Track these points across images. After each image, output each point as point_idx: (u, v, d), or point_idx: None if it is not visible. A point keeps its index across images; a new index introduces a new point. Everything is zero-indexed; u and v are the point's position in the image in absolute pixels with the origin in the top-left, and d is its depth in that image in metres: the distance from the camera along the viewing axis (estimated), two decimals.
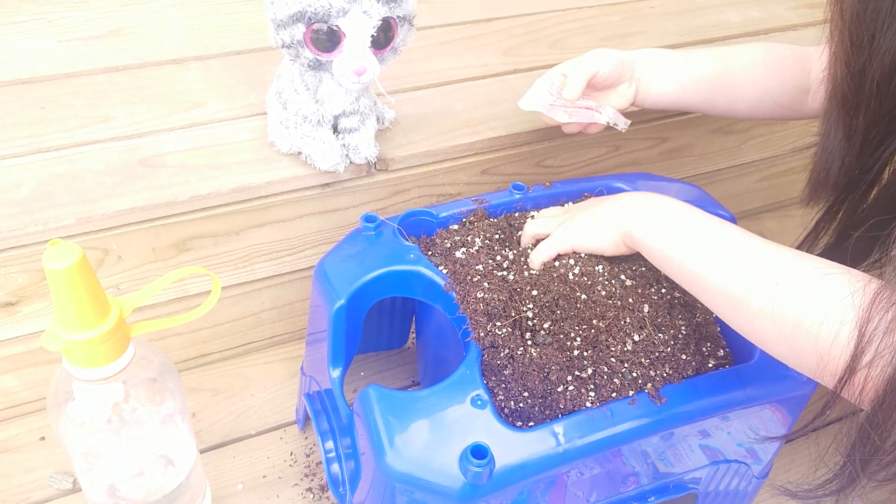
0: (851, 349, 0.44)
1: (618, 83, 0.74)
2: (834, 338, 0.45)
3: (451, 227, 0.70)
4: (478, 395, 0.55)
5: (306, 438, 0.77)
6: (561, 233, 0.64)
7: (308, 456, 0.76)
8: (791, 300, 0.48)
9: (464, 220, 0.70)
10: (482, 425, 0.53)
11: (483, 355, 0.58)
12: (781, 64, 0.75)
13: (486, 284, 0.61)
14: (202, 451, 0.76)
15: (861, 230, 0.63)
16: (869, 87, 0.56)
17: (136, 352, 0.53)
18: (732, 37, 1.04)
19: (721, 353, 0.62)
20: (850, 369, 0.45)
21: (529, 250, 0.66)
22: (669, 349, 0.59)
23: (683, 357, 0.59)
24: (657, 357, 0.58)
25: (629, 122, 0.75)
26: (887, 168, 0.61)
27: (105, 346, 0.50)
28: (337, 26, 0.62)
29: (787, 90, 0.75)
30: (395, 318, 0.83)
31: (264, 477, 0.74)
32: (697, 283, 0.55)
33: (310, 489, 0.73)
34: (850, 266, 0.49)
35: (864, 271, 0.65)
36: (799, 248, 0.69)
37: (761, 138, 1.02)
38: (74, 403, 0.54)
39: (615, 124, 0.74)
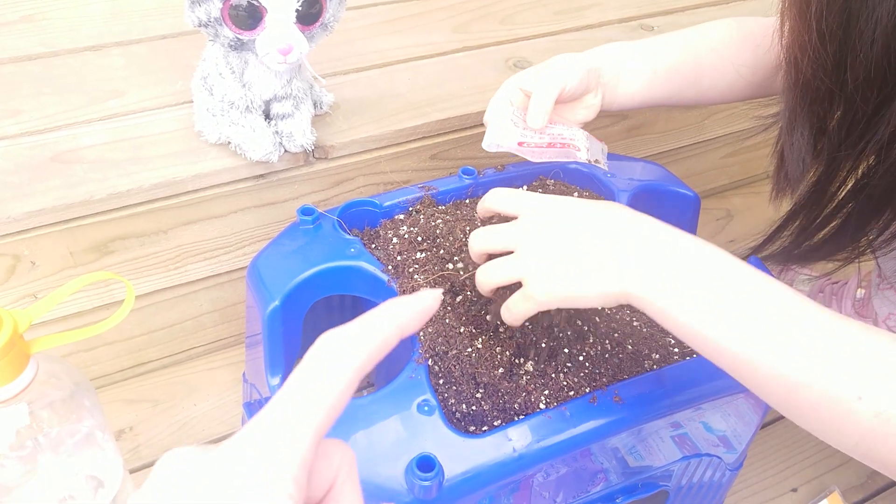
0: None
1: (584, 94, 0.64)
2: None
3: (396, 217, 0.65)
4: (425, 401, 0.50)
5: None
6: (535, 287, 0.47)
7: None
8: None
9: (410, 209, 0.65)
10: (430, 433, 0.48)
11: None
12: (749, 41, 0.68)
13: (430, 279, 0.56)
14: (140, 468, 0.70)
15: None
16: (853, 81, 0.48)
17: (40, 369, 0.48)
18: (692, 7, 1.00)
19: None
20: None
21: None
22: (631, 342, 0.55)
23: (645, 350, 0.55)
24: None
25: (605, 147, 0.65)
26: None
27: None
28: (257, 1, 0.56)
29: (758, 68, 0.68)
30: (345, 315, 0.78)
31: None
32: (760, 376, 0.41)
33: None
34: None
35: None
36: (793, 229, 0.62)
37: (724, 113, 0.98)
38: None
39: (596, 161, 0.62)
